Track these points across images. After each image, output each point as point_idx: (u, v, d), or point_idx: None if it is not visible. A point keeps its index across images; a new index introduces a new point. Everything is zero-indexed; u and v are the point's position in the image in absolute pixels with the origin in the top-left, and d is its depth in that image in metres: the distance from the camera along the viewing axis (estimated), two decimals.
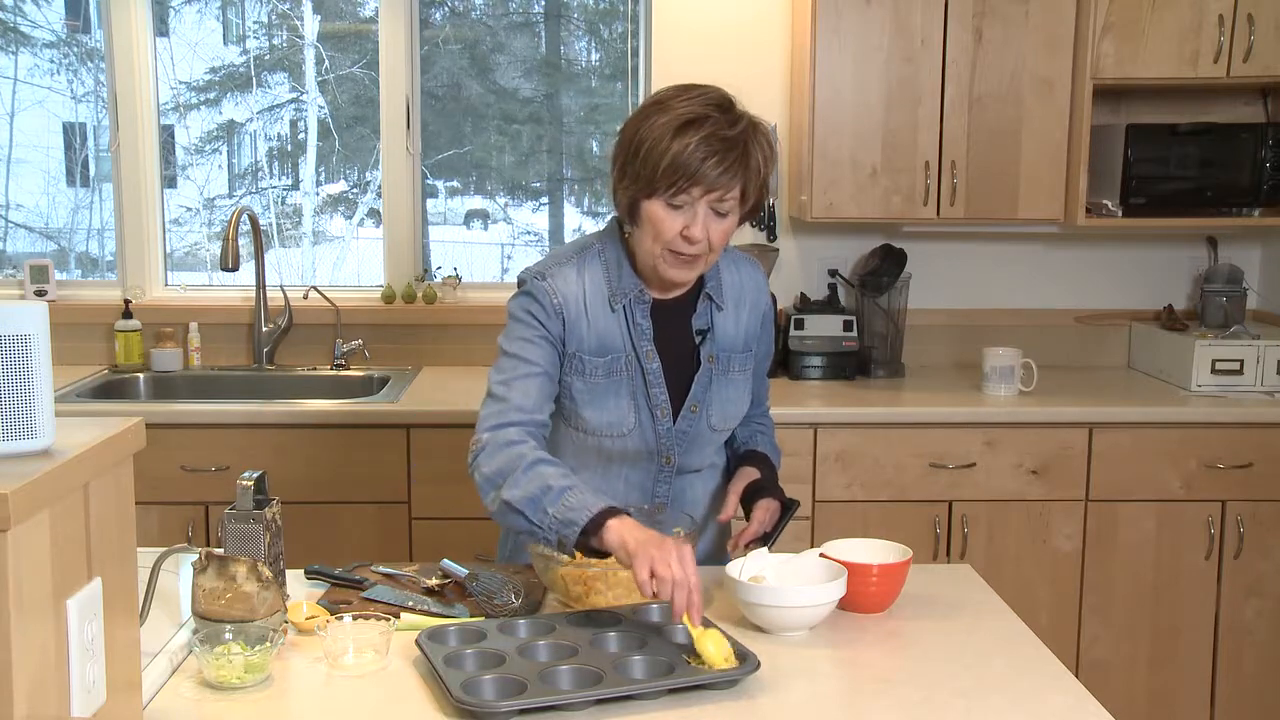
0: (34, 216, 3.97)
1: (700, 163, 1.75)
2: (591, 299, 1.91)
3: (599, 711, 1.46)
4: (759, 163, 1.82)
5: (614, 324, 1.91)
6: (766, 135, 1.85)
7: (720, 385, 1.98)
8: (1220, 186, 3.35)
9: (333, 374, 3.58)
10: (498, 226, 4.03)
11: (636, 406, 1.93)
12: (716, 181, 1.77)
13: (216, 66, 3.88)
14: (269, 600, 1.62)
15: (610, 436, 1.94)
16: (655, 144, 1.77)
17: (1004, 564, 3.14)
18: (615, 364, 1.92)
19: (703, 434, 1.99)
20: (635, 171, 1.80)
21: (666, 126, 1.77)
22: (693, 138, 1.75)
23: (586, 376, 1.91)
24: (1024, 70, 3.28)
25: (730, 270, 2.02)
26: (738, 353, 2.01)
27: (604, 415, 1.92)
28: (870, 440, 3.12)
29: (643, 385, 1.93)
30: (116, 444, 1.23)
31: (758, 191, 1.85)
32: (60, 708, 1.14)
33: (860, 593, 1.78)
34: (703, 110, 1.78)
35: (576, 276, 1.92)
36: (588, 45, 3.99)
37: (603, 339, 1.91)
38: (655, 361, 1.93)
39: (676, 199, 1.79)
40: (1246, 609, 3.21)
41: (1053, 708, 1.51)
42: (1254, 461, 3.15)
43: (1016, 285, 3.76)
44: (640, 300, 1.92)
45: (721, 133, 1.77)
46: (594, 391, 1.92)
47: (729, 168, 1.77)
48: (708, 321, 1.97)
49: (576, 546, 1.73)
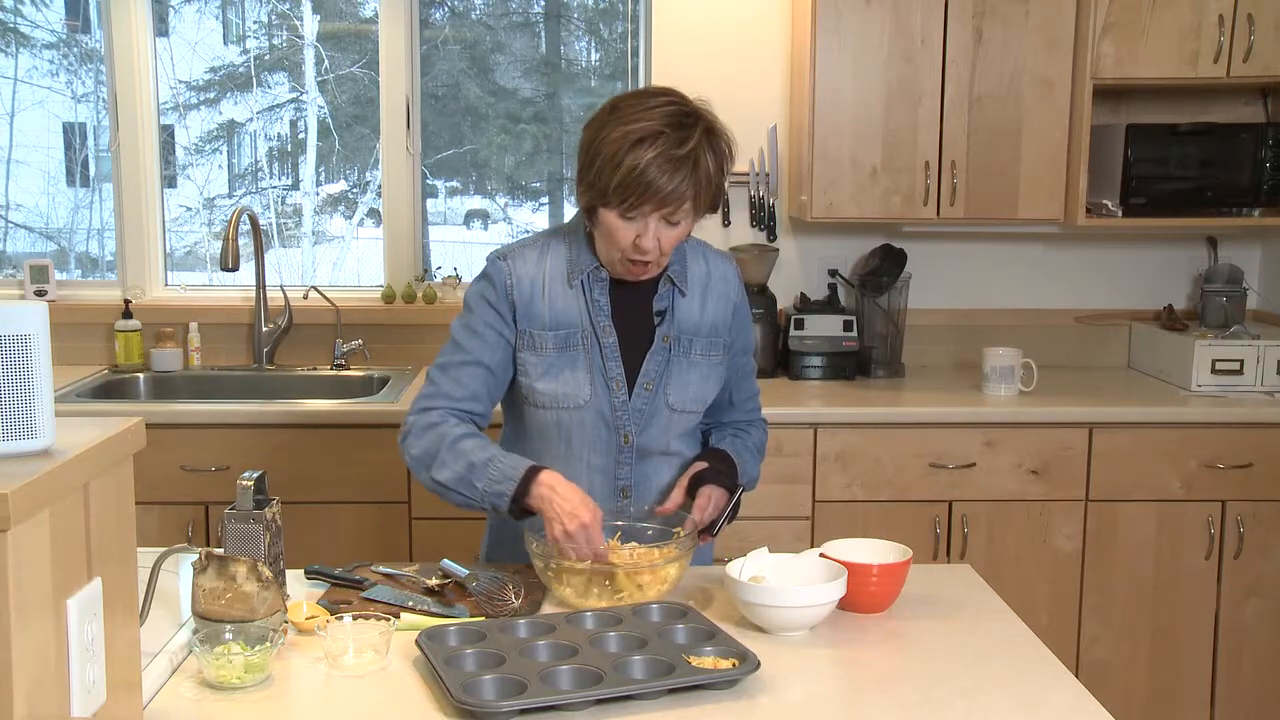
0: (34, 216, 3.97)
1: (649, 184, 1.82)
2: (551, 277, 1.99)
3: (599, 711, 1.46)
4: (710, 172, 1.86)
5: (572, 300, 1.99)
6: (724, 139, 1.90)
7: (680, 367, 2.01)
8: (1220, 186, 3.35)
9: (333, 374, 3.58)
10: (498, 226, 4.03)
11: (593, 379, 1.98)
12: (668, 199, 1.84)
13: (216, 66, 3.88)
14: (269, 600, 1.62)
15: (567, 409, 1.98)
16: (609, 159, 1.84)
17: (1004, 564, 3.14)
18: (572, 338, 1.98)
19: (660, 412, 2.01)
20: (590, 180, 1.88)
21: (621, 142, 1.83)
22: (644, 155, 1.81)
23: (539, 351, 1.98)
24: (1024, 70, 3.28)
25: (698, 261, 2.07)
26: (701, 337, 2.04)
27: (559, 386, 1.97)
28: (870, 440, 3.12)
29: (599, 359, 1.98)
30: (116, 444, 1.23)
31: (710, 199, 1.90)
32: (60, 708, 1.14)
33: (860, 593, 1.78)
34: (657, 127, 1.83)
35: (538, 258, 2.01)
36: (588, 45, 3.99)
37: (560, 315, 1.98)
38: (612, 336, 1.99)
39: (629, 213, 1.86)
40: (1246, 609, 3.21)
41: (1053, 708, 1.51)
42: (1254, 461, 3.15)
43: (1016, 285, 3.76)
44: (598, 278, 1.99)
45: (671, 152, 1.82)
46: (547, 364, 1.98)
47: (678, 185, 1.83)
48: (668, 303, 2.02)
49: (510, 512, 1.86)
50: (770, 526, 3.08)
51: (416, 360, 3.65)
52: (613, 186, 1.83)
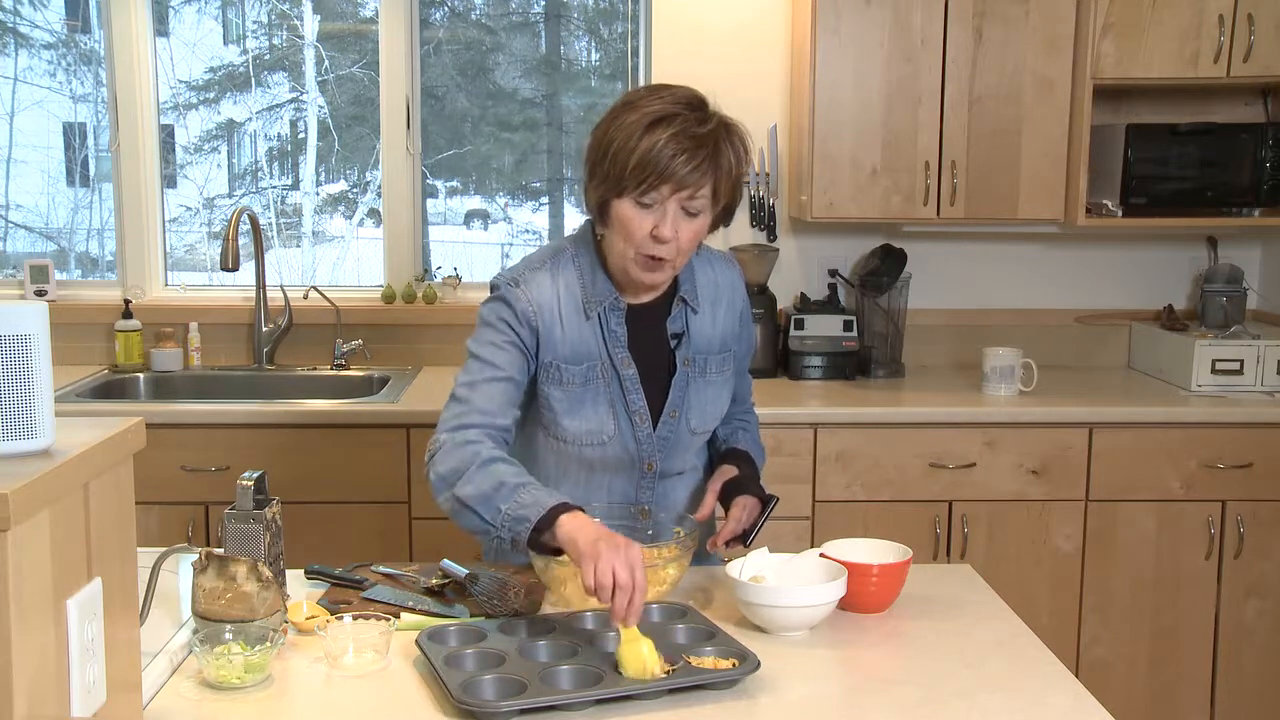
0: (34, 216, 3.97)
1: (670, 160, 1.73)
2: (565, 305, 1.90)
3: (599, 711, 1.46)
4: (730, 162, 1.80)
5: (588, 331, 1.90)
6: (741, 135, 1.83)
7: (698, 388, 1.97)
8: (1220, 186, 3.35)
9: (333, 374, 3.58)
10: (498, 226, 4.03)
11: (615, 414, 1.92)
12: (686, 179, 1.75)
13: (216, 66, 3.88)
14: (269, 600, 1.62)
15: (590, 445, 1.92)
16: (625, 142, 1.76)
17: (1004, 564, 3.14)
18: (591, 371, 1.90)
19: (683, 438, 1.98)
20: (605, 171, 1.79)
21: (636, 125, 1.76)
22: (662, 134, 1.74)
23: (565, 385, 1.90)
24: (1024, 70, 3.28)
25: (705, 269, 2.01)
26: (714, 354, 2.00)
27: (583, 424, 1.90)
28: (870, 440, 3.12)
29: (620, 392, 1.92)
30: (116, 444, 1.23)
31: (730, 192, 1.83)
32: (60, 708, 1.14)
33: (860, 593, 1.78)
34: (673, 108, 1.76)
35: (551, 282, 1.90)
36: (587, 45, 3.99)
37: (577, 346, 1.89)
38: (631, 368, 1.91)
39: (646, 197, 1.77)
40: (1246, 609, 3.21)
41: (1053, 708, 1.51)
42: (1254, 461, 3.15)
43: (1016, 285, 3.76)
44: (615, 307, 1.91)
45: (692, 130, 1.75)
46: (572, 400, 1.90)
47: (699, 165, 1.75)
48: (683, 324, 1.96)
49: (529, 544, 1.71)
50: (770, 526, 3.04)
51: (416, 360, 3.65)
52: (630, 169, 1.74)
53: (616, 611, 1.56)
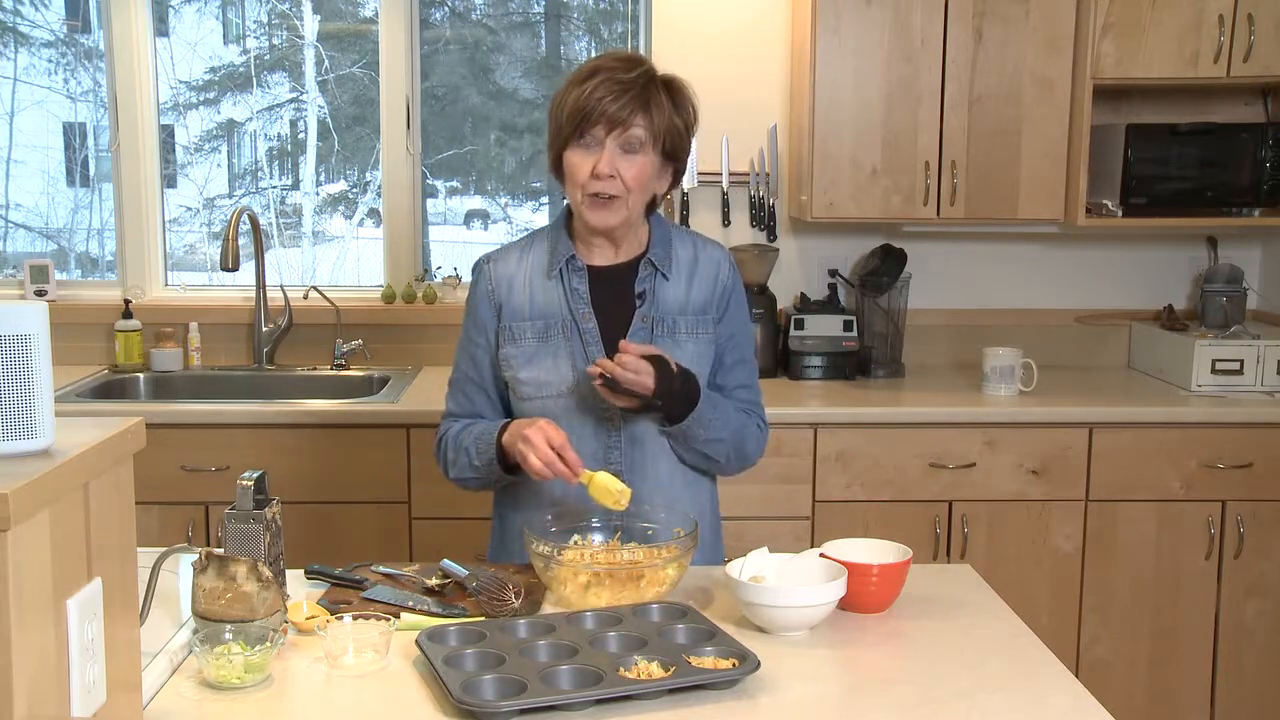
0: (34, 216, 3.97)
1: (598, 101, 1.92)
2: (532, 273, 2.06)
3: (599, 711, 1.46)
4: (664, 105, 1.95)
5: (553, 291, 2.04)
6: (677, 87, 1.99)
7: (665, 347, 1.98)
8: (1220, 186, 3.35)
9: (333, 374, 3.58)
10: (498, 226, 4.03)
11: (575, 366, 2.00)
12: (616, 115, 1.92)
13: (216, 66, 3.88)
14: (269, 600, 1.62)
15: (551, 397, 2.01)
16: (562, 98, 1.96)
17: (1004, 564, 3.14)
18: (551, 327, 2.03)
19: None
20: (553, 131, 1.99)
21: (573, 82, 1.96)
22: (590, 83, 1.93)
23: (518, 341, 2.03)
24: (1024, 70, 3.28)
25: (685, 245, 2.10)
26: (686, 315, 2.04)
27: (540, 374, 2.01)
28: (870, 440, 3.12)
29: (580, 345, 2.01)
30: (116, 444, 1.23)
31: (669, 136, 1.97)
32: (60, 708, 1.14)
33: (860, 593, 1.78)
34: (602, 63, 1.96)
35: (520, 255, 2.08)
36: (588, 45, 3.99)
37: (540, 306, 2.04)
38: (591, 322, 2.02)
39: (584, 139, 1.94)
40: (1246, 609, 3.21)
41: (1053, 708, 1.51)
42: (1254, 461, 3.15)
43: (1016, 285, 3.76)
44: (575, 266, 2.04)
45: (618, 76, 1.93)
46: (528, 354, 2.02)
47: (626, 104, 1.92)
48: (649, 287, 2.04)
49: (506, 471, 1.98)
50: (770, 526, 3.09)
51: (416, 360, 3.65)
52: (566, 118, 1.93)
53: (563, 475, 1.85)
